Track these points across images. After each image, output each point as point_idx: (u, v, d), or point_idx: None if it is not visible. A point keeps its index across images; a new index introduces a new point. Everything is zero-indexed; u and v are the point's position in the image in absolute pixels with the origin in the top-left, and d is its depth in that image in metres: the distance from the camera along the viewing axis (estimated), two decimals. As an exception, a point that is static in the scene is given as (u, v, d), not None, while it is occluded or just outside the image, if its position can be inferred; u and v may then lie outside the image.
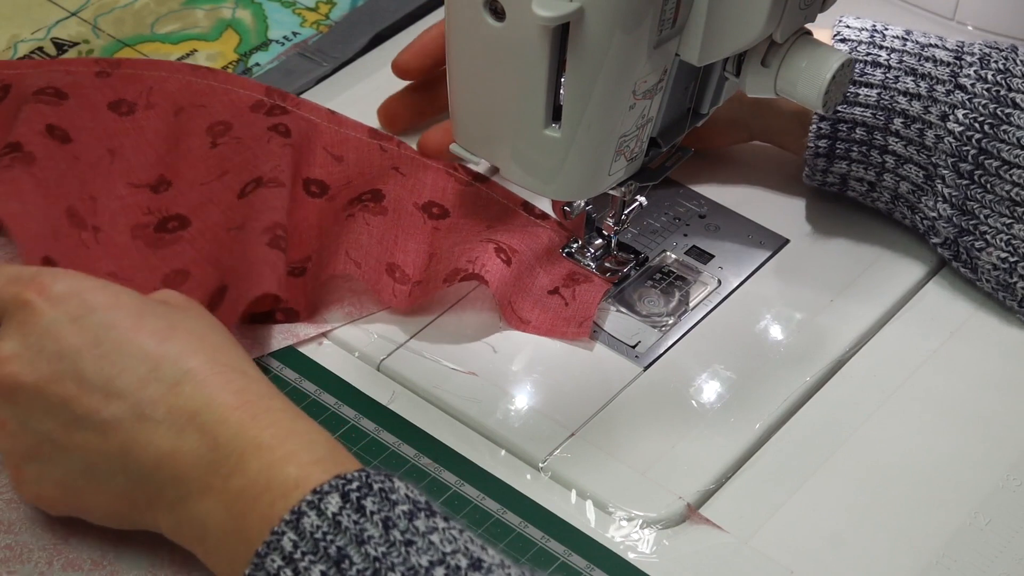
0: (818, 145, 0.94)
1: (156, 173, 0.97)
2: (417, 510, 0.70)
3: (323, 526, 0.70)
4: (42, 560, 0.80)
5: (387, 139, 1.00)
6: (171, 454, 0.74)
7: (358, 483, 0.71)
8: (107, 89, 1.00)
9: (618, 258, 0.96)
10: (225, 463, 0.73)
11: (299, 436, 0.74)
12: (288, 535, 0.70)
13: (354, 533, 0.69)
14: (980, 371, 0.92)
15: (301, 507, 0.70)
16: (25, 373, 0.75)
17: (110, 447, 0.75)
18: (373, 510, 0.70)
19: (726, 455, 0.87)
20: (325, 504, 0.70)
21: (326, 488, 0.71)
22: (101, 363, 0.75)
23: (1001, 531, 0.84)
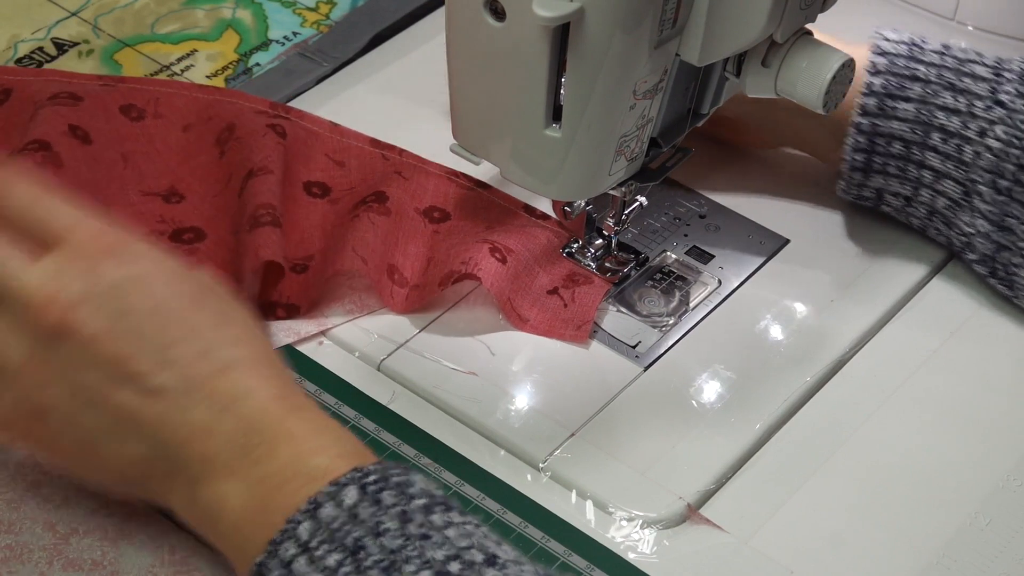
0: (855, 159, 0.94)
1: (167, 184, 0.97)
2: (434, 504, 0.71)
3: (340, 516, 0.70)
4: (42, 560, 0.80)
5: (388, 148, 1.00)
6: (205, 431, 0.74)
7: (376, 476, 0.71)
8: (115, 94, 1.00)
9: (618, 258, 0.96)
10: (256, 449, 0.73)
11: (330, 432, 0.74)
12: (305, 524, 0.70)
13: (371, 525, 0.69)
14: (980, 371, 0.92)
15: (319, 497, 0.70)
16: (86, 322, 0.74)
17: (148, 413, 0.74)
18: (390, 503, 0.70)
19: (726, 455, 0.87)
20: (343, 496, 0.70)
21: (344, 480, 0.71)
22: (161, 331, 0.74)
23: (1001, 531, 0.84)
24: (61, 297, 0.74)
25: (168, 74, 1.06)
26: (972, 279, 0.97)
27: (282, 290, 0.92)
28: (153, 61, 1.07)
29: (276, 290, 0.92)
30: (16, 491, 0.83)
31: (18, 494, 0.83)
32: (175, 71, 1.06)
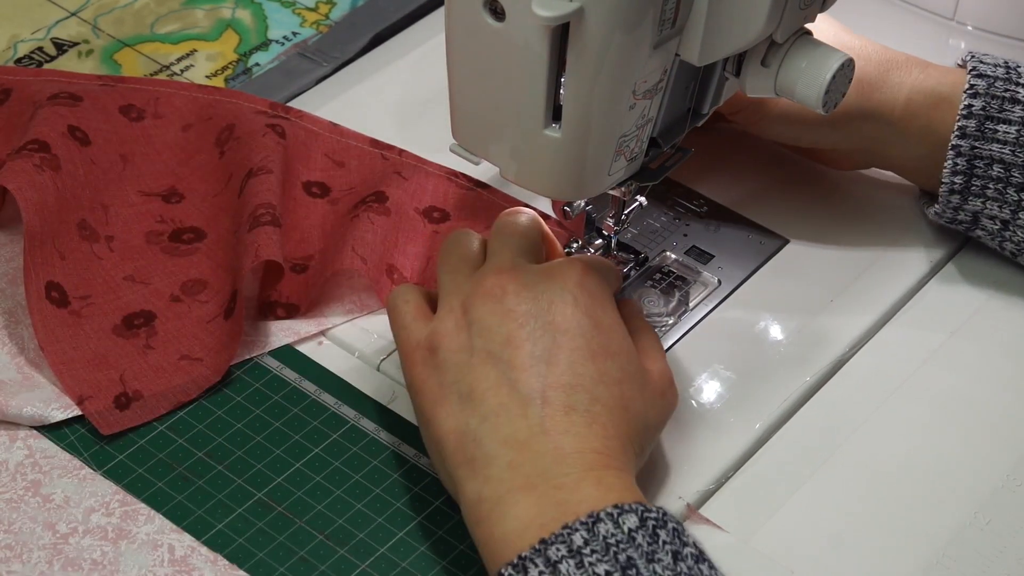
0: (953, 181, 0.93)
1: (167, 184, 0.97)
2: (703, 558, 0.73)
3: (617, 535, 0.72)
4: (42, 560, 0.80)
5: (388, 148, 1.00)
6: (522, 442, 0.77)
7: (656, 515, 0.74)
8: (115, 95, 1.00)
9: (618, 258, 0.96)
10: (561, 477, 0.76)
11: (635, 494, 0.76)
12: (580, 532, 0.72)
13: (646, 551, 0.72)
14: (980, 371, 0.92)
15: (600, 515, 0.73)
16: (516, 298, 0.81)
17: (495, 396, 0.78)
18: (666, 540, 0.73)
19: (726, 455, 0.87)
20: (623, 519, 0.73)
21: (627, 507, 0.73)
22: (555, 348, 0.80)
23: (1001, 531, 0.84)
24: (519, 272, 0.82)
25: (168, 74, 1.06)
26: (972, 279, 0.97)
27: (282, 290, 0.92)
28: (153, 61, 1.07)
29: (276, 290, 0.92)
30: (16, 491, 0.83)
31: (18, 494, 0.83)
32: (175, 71, 1.06)
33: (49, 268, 0.90)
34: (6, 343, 0.90)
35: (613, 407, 0.79)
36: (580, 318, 0.80)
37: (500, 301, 0.81)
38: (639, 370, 0.81)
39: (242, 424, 0.87)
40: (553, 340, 0.80)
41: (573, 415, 0.78)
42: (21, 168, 0.91)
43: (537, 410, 0.78)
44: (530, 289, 0.81)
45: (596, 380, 0.79)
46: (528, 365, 0.79)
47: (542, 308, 0.81)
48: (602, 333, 0.81)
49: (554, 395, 0.78)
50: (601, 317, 0.81)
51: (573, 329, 0.80)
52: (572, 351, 0.79)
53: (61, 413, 0.86)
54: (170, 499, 0.83)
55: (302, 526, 0.83)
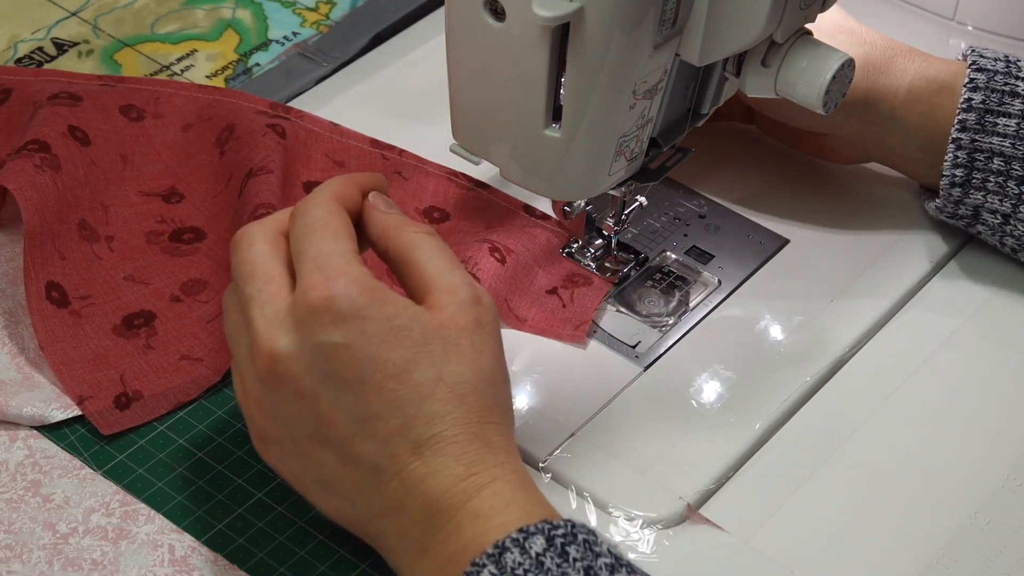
0: (954, 174, 0.93)
1: (167, 184, 0.97)
2: (619, 565, 0.71)
3: (525, 563, 0.70)
4: (42, 560, 0.80)
5: (388, 148, 1.00)
6: (396, 508, 0.74)
7: (563, 530, 0.71)
8: (115, 95, 1.00)
9: (618, 258, 0.96)
10: (442, 529, 0.73)
11: (517, 506, 0.73)
12: (488, 567, 0.70)
13: (556, 575, 0.69)
14: (980, 371, 0.92)
15: (505, 543, 0.70)
16: (295, 376, 0.74)
17: (347, 479, 0.75)
18: (576, 557, 0.70)
19: (726, 455, 0.87)
20: (529, 543, 0.70)
21: (532, 529, 0.71)
22: (363, 401, 0.74)
23: (1001, 531, 0.84)
24: (275, 347, 0.74)
25: (168, 74, 1.06)
26: (972, 280, 0.97)
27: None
28: (153, 61, 1.07)
29: None
30: (16, 491, 0.83)
31: (18, 494, 0.83)
32: (175, 71, 1.06)
33: (49, 268, 0.90)
34: (6, 343, 0.90)
35: (449, 410, 0.74)
36: (361, 355, 0.73)
37: (281, 387, 0.75)
38: (441, 338, 0.75)
39: (242, 424, 0.87)
40: (357, 395, 0.73)
41: (423, 454, 0.73)
42: (21, 168, 0.91)
43: (390, 471, 0.74)
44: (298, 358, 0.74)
45: (417, 400, 0.74)
46: (353, 434, 0.74)
47: (324, 372, 0.74)
48: (389, 346, 0.74)
49: (394, 447, 0.74)
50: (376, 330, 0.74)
51: (365, 371, 0.73)
52: (379, 393, 0.74)
53: (61, 413, 0.86)
54: (170, 499, 0.83)
55: (302, 526, 0.83)
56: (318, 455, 0.75)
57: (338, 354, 0.73)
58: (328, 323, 0.74)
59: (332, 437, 0.74)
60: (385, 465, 0.74)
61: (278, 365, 0.74)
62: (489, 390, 0.76)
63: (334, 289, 0.74)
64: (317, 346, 0.74)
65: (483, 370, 0.76)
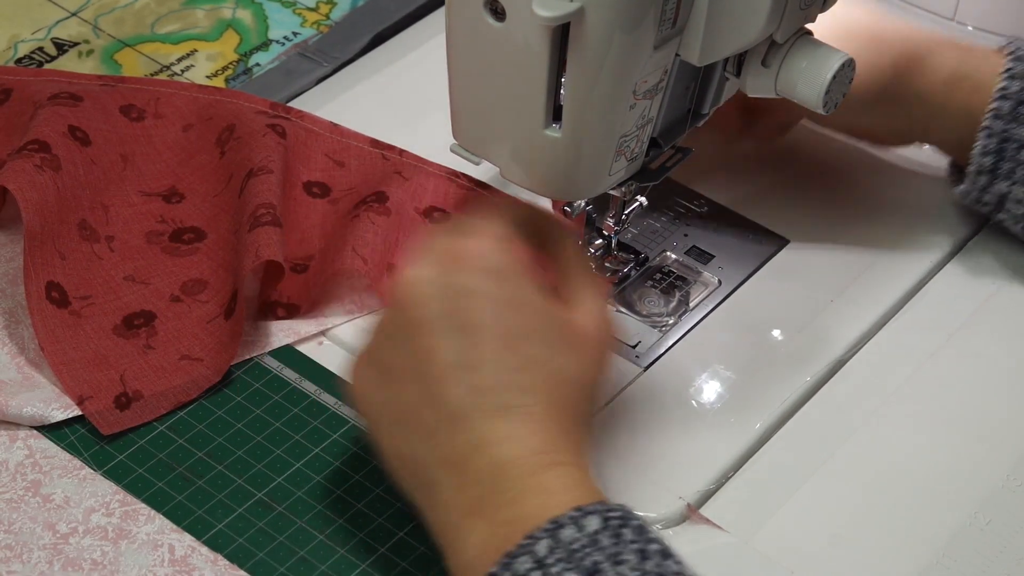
0: (982, 162, 0.93)
1: (167, 184, 0.97)
2: (668, 553, 0.71)
3: (581, 539, 0.70)
4: (42, 560, 0.80)
5: (388, 148, 1.00)
6: (461, 463, 0.75)
7: (619, 513, 0.72)
8: (116, 95, 1.00)
9: (618, 258, 0.96)
10: (504, 494, 0.73)
11: (581, 491, 0.74)
12: (544, 540, 0.70)
13: (610, 553, 0.70)
14: (980, 371, 0.92)
15: (562, 519, 0.71)
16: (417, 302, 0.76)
17: (426, 418, 0.76)
18: (630, 539, 0.71)
19: (726, 455, 0.87)
20: (586, 522, 0.71)
21: (589, 509, 0.71)
22: (468, 347, 0.75)
23: (1001, 531, 0.84)
24: (415, 271, 0.77)
25: (168, 74, 1.06)
26: (972, 280, 0.97)
27: (282, 290, 0.92)
28: (153, 61, 1.07)
29: (276, 290, 0.92)
30: (16, 491, 0.83)
31: (18, 494, 0.83)
32: (175, 71, 1.06)
33: (49, 268, 0.90)
34: (6, 343, 0.90)
35: (546, 391, 0.75)
36: (487, 306, 0.76)
37: (403, 310, 0.77)
38: (565, 335, 0.77)
39: (242, 424, 0.87)
40: (469, 341, 0.75)
41: (505, 417, 0.74)
42: (21, 168, 0.91)
43: (467, 423, 0.74)
44: (431, 289, 0.76)
45: (519, 368, 0.75)
46: (446, 376, 0.75)
47: (446, 307, 0.76)
48: (516, 313, 0.76)
49: (482, 400, 0.75)
50: (511, 294, 0.77)
51: (485, 322, 0.76)
52: (490, 347, 0.75)
53: (61, 413, 0.86)
54: (170, 499, 0.83)
55: (302, 526, 0.83)
56: (406, 388, 0.76)
57: (467, 298, 0.76)
58: (469, 268, 0.77)
59: (427, 372, 0.75)
60: (467, 414, 0.75)
61: (410, 287, 0.77)
62: (582, 393, 0.78)
63: (487, 245, 0.78)
64: (451, 284, 0.76)
65: (586, 377, 0.78)
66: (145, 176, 0.97)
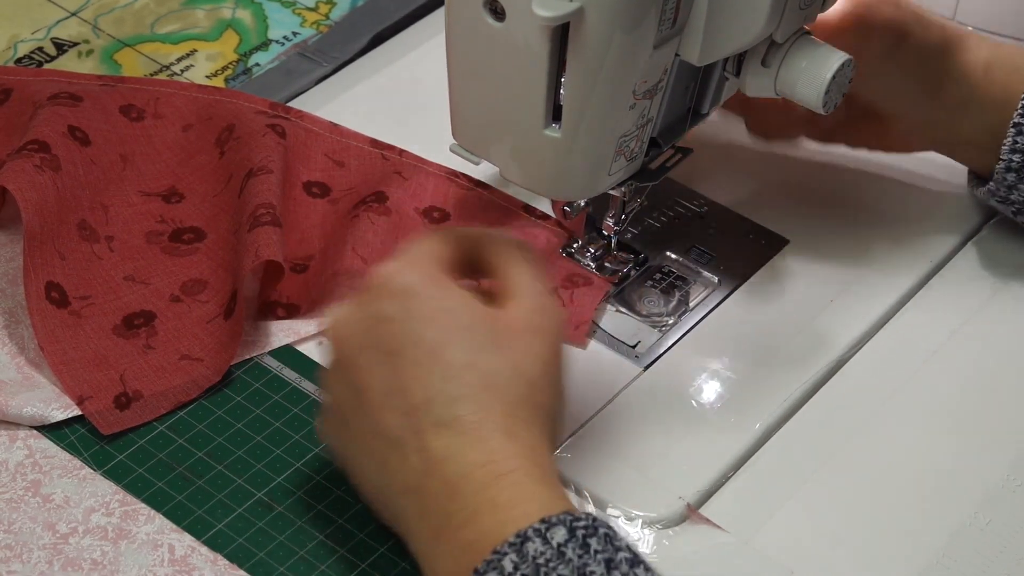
0: (1011, 159, 0.92)
1: (167, 184, 0.97)
2: (637, 561, 0.71)
3: (547, 553, 0.70)
4: (42, 560, 0.80)
5: (388, 148, 1.00)
6: (416, 488, 0.75)
7: (584, 523, 0.71)
8: (115, 95, 1.00)
9: (618, 258, 0.96)
10: (459, 514, 0.73)
11: (537, 500, 0.73)
12: (510, 556, 0.70)
13: (577, 566, 0.70)
14: (980, 371, 0.92)
15: (527, 532, 0.70)
16: (342, 343, 0.78)
17: (375, 449, 0.76)
18: (597, 549, 0.70)
19: (726, 455, 0.87)
20: (551, 534, 0.70)
21: (554, 520, 0.71)
22: (393, 373, 0.76)
23: (1001, 531, 0.84)
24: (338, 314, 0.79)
25: (168, 74, 1.06)
26: (972, 280, 0.97)
27: (282, 290, 0.92)
28: (153, 61, 1.07)
29: (276, 290, 0.92)
30: (16, 491, 0.83)
31: (18, 494, 0.83)
32: (175, 71, 1.06)
33: (49, 268, 0.90)
34: (6, 343, 0.90)
35: (476, 396, 0.75)
36: (402, 327, 0.76)
37: (337, 350, 0.78)
38: (490, 332, 0.76)
39: (242, 424, 0.87)
40: (391, 366, 0.75)
41: (443, 433, 0.74)
42: (21, 168, 0.91)
43: (410, 447, 0.75)
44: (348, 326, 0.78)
45: (444, 379, 0.75)
46: (381, 404, 0.76)
47: (366, 339, 0.77)
48: (429, 325, 0.76)
49: (417, 421, 0.75)
50: (423, 310, 0.76)
51: (402, 342, 0.76)
52: (412, 366, 0.75)
53: (61, 413, 0.86)
54: (170, 499, 0.83)
55: (302, 526, 0.83)
56: (355, 423, 0.77)
57: (383, 326, 0.76)
58: (381, 296, 0.77)
59: (366, 406, 0.76)
60: (407, 439, 0.75)
61: (336, 328, 0.78)
62: (524, 389, 0.76)
63: (395, 269, 0.78)
64: (367, 316, 0.77)
65: (522, 370, 0.76)
66: (145, 176, 0.97)
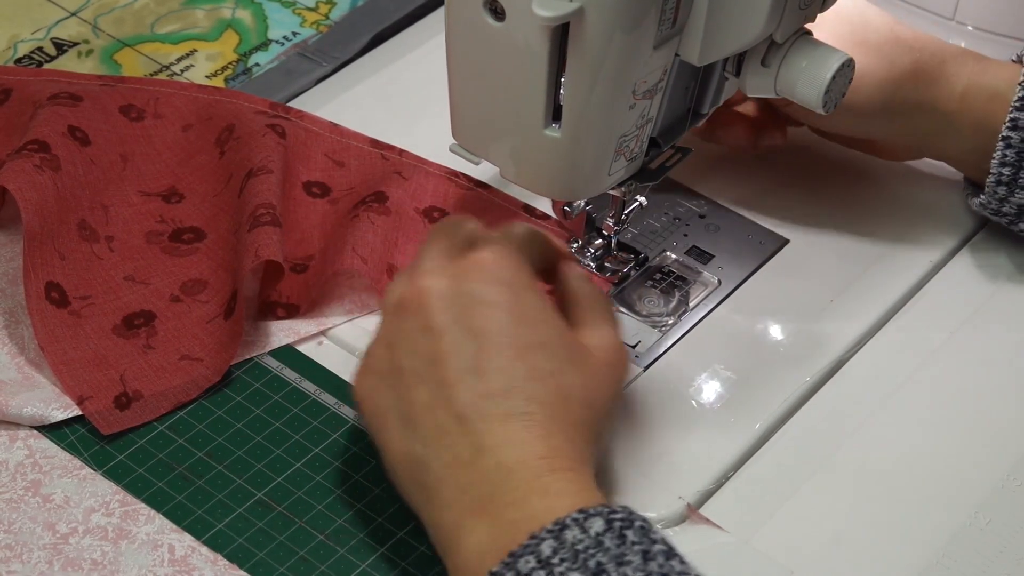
0: (1001, 173, 0.93)
1: (167, 184, 0.97)
2: (673, 554, 0.72)
3: (585, 540, 0.71)
4: (42, 560, 0.80)
5: (388, 148, 1.00)
6: (466, 463, 0.76)
7: (622, 515, 0.72)
8: (115, 95, 1.00)
9: (618, 258, 0.96)
10: (509, 494, 0.74)
11: (584, 494, 0.75)
12: (548, 541, 0.71)
13: (615, 554, 0.70)
14: (980, 371, 0.92)
15: (566, 520, 0.71)
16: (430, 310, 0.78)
17: (428, 420, 0.77)
18: (634, 540, 0.71)
19: (726, 455, 0.87)
20: (589, 523, 0.71)
21: (592, 511, 0.72)
22: (480, 354, 0.77)
23: (1001, 531, 0.84)
24: (426, 282, 0.79)
25: (168, 74, 1.06)
26: (972, 279, 0.97)
27: (282, 290, 0.92)
28: (153, 61, 1.07)
29: (276, 290, 0.92)
30: (16, 491, 0.83)
31: (18, 494, 0.83)
32: (175, 71, 1.06)
33: (49, 268, 0.90)
34: (6, 343, 0.90)
35: (551, 402, 0.77)
36: (499, 316, 0.78)
37: (416, 316, 0.78)
38: (574, 352, 0.79)
39: (242, 424, 0.87)
40: (477, 347, 0.77)
41: (511, 423, 0.76)
42: (21, 168, 0.91)
43: (473, 426, 0.76)
44: (443, 297, 0.78)
45: (527, 378, 0.77)
46: (457, 380, 0.76)
47: (459, 315, 0.78)
48: (526, 325, 0.78)
49: (488, 405, 0.76)
50: (522, 308, 0.79)
51: (494, 330, 0.77)
52: (498, 354, 0.77)
53: (61, 413, 0.86)
54: (170, 499, 0.83)
55: (302, 526, 0.83)
56: (416, 390, 0.77)
57: (480, 306, 0.78)
58: (484, 279, 0.78)
59: (437, 376, 0.77)
60: (472, 418, 0.76)
61: (422, 296, 0.78)
62: (589, 413, 0.78)
63: (496, 259, 0.79)
64: (465, 292, 0.78)
65: (592, 397, 0.79)
66: (145, 176, 0.97)
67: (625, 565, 0.70)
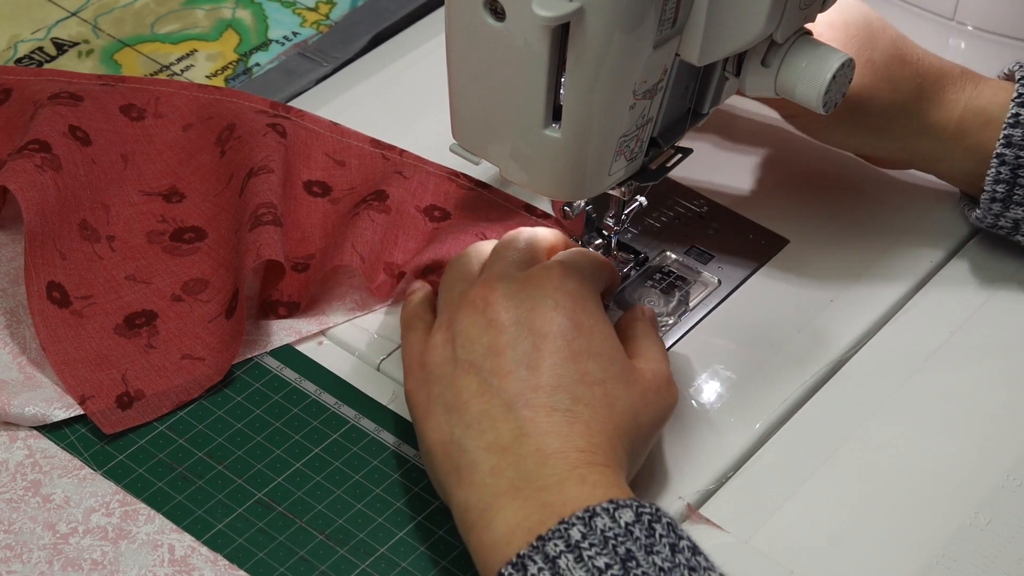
0: (995, 190, 0.93)
1: (168, 183, 0.97)
2: (698, 550, 0.74)
3: (615, 528, 0.73)
4: (42, 560, 0.80)
5: (389, 148, 1.00)
6: (504, 447, 0.77)
7: (651, 511, 0.74)
8: (116, 94, 1.00)
9: (618, 258, 0.96)
10: (546, 478, 0.76)
11: (617, 489, 0.76)
12: (577, 527, 0.73)
13: (644, 543, 0.72)
14: (979, 371, 0.92)
15: (596, 509, 0.73)
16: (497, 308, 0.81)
17: (477, 404, 0.79)
18: (662, 533, 0.73)
19: (726, 455, 0.87)
20: (619, 514, 0.73)
21: (622, 503, 0.74)
22: (535, 351, 0.80)
23: (1001, 531, 0.84)
24: (498, 284, 0.82)
25: (168, 74, 1.06)
26: (972, 279, 0.97)
27: (283, 289, 0.92)
28: (153, 61, 1.07)
29: (277, 289, 0.92)
30: (16, 491, 0.83)
31: (18, 494, 0.83)
32: (175, 71, 1.06)
33: (50, 268, 0.90)
34: (8, 343, 0.90)
35: (596, 406, 0.79)
36: (560, 321, 0.81)
37: (482, 312, 0.81)
38: (625, 369, 0.81)
39: (242, 424, 0.87)
40: (533, 344, 0.80)
41: (555, 415, 0.78)
42: (22, 168, 0.91)
43: (518, 413, 0.78)
44: (511, 298, 0.81)
45: (577, 380, 0.79)
46: (510, 370, 0.79)
47: (522, 315, 0.81)
48: (583, 334, 0.81)
49: (535, 397, 0.78)
50: (582, 318, 0.81)
51: (553, 332, 0.80)
52: (553, 354, 0.80)
53: (63, 413, 0.86)
54: (170, 499, 0.83)
55: (302, 526, 0.83)
56: (465, 378, 0.80)
57: (544, 310, 0.81)
58: (551, 286, 0.82)
59: (490, 366, 0.80)
60: (519, 406, 0.78)
61: (491, 294, 0.82)
62: (632, 426, 0.80)
63: (573, 270, 0.83)
64: (531, 295, 0.81)
65: (637, 414, 0.81)
66: (145, 176, 0.98)
67: (654, 555, 0.72)
